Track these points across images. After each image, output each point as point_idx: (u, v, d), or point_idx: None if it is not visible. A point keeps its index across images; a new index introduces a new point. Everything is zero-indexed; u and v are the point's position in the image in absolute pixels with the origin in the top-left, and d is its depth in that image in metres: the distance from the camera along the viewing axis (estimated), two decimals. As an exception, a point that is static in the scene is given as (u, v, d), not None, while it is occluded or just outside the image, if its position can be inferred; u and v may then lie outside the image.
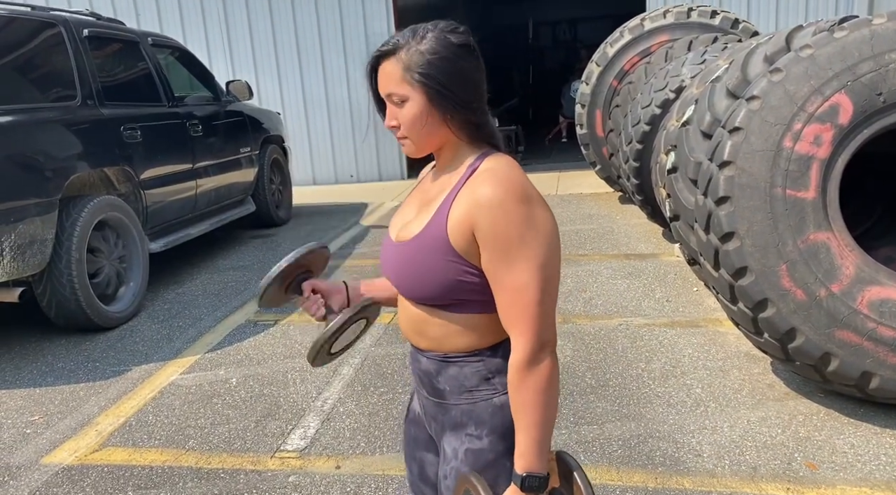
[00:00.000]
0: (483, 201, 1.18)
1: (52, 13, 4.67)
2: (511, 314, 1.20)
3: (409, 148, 1.30)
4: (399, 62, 1.22)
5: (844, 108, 2.73)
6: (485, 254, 1.20)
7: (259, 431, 3.07)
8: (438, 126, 1.25)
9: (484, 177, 1.21)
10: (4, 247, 3.76)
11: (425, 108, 1.23)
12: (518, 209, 1.17)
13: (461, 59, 1.23)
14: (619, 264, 5.22)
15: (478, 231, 1.19)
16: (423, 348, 1.35)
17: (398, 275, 1.31)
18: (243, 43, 9.91)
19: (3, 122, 3.89)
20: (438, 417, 1.37)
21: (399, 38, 1.23)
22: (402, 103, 1.24)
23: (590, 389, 3.25)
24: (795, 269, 2.71)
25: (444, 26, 1.25)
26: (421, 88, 1.21)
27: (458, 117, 1.24)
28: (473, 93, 1.25)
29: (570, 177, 9.28)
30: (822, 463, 2.57)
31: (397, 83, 1.23)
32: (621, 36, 6.83)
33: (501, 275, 1.19)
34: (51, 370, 3.88)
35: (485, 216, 1.17)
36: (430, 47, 1.21)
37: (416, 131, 1.25)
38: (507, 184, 1.19)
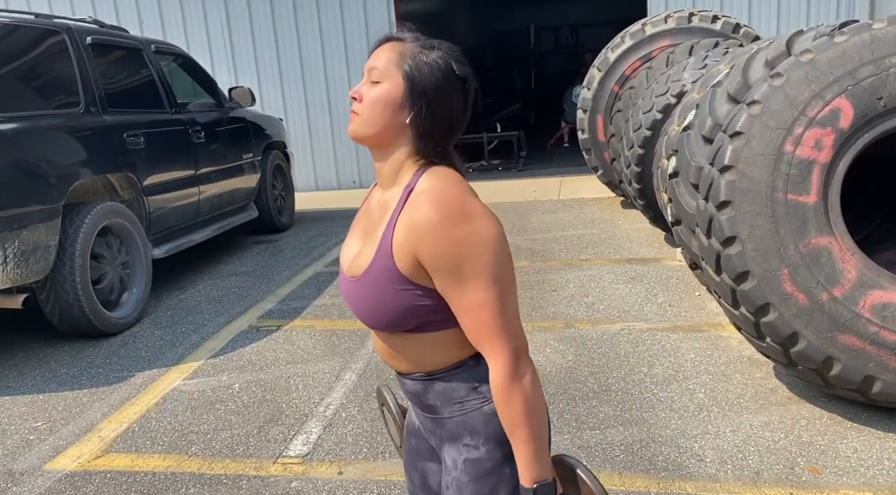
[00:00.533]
0: (421, 227, 1.16)
1: (55, 21, 4.69)
2: (477, 333, 1.19)
3: (355, 125, 1.26)
4: (402, 49, 1.23)
5: (845, 113, 2.74)
6: (435, 279, 1.19)
7: (262, 437, 3.07)
8: (397, 123, 1.23)
9: (420, 200, 1.18)
10: (8, 254, 3.78)
11: (398, 97, 1.21)
12: (457, 229, 1.15)
13: (452, 86, 1.23)
14: (621, 269, 5.22)
15: (421, 258, 1.17)
16: (405, 372, 1.35)
17: (358, 310, 1.30)
18: (246, 49, 9.95)
19: (6, 129, 3.91)
20: (436, 431, 1.37)
21: (413, 35, 1.25)
22: (377, 82, 1.23)
23: (592, 394, 3.25)
24: (797, 273, 2.71)
25: (453, 50, 1.25)
26: (405, 80, 1.21)
27: (420, 126, 1.22)
28: (447, 117, 1.24)
29: (572, 181, 9.29)
30: (826, 467, 2.57)
31: (386, 63, 1.23)
32: (622, 41, 6.84)
33: (457, 298, 1.18)
34: (54, 376, 3.89)
35: (425, 242, 1.16)
36: (433, 59, 1.22)
37: (373, 112, 1.23)
38: (442, 204, 1.16)
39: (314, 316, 4.62)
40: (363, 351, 3.94)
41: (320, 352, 3.98)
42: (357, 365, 3.76)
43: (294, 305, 4.86)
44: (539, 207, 7.83)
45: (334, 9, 9.73)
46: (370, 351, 3.93)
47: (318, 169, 10.21)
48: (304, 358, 3.92)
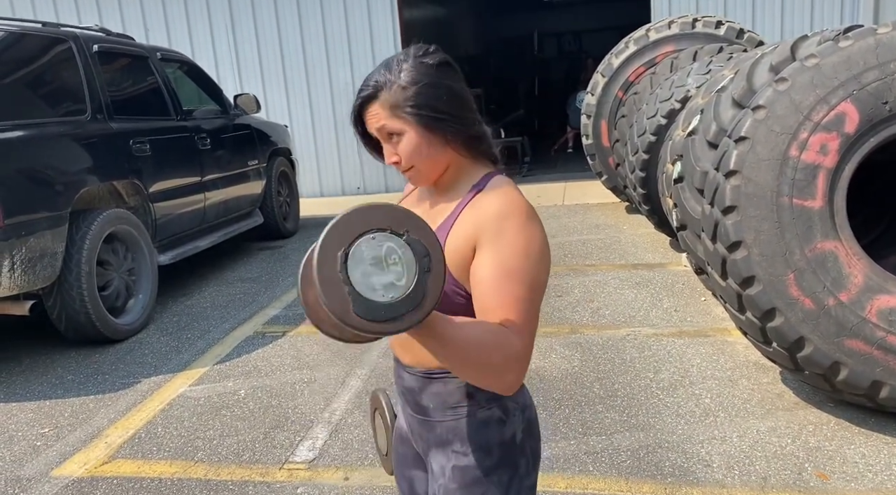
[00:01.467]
0: (492, 212, 1.18)
1: (62, 29, 4.73)
2: (504, 320, 1.14)
3: (416, 178, 1.28)
4: (385, 103, 1.22)
5: (850, 117, 2.74)
6: (483, 257, 1.17)
7: (267, 443, 3.07)
8: (441, 150, 1.25)
9: (492, 195, 1.22)
10: (15, 261, 3.80)
11: (423, 136, 1.22)
12: (525, 224, 1.18)
13: (444, 78, 1.23)
14: (627, 274, 5.22)
15: (481, 241, 1.17)
16: (407, 363, 1.36)
17: None
18: (251, 57, 10.00)
19: (14, 136, 3.94)
20: (424, 434, 1.37)
21: (377, 79, 1.23)
22: (398, 138, 1.23)
23: (598, 399, 3.25)
24: (803, 278, 2.70)
25: (415, 52, 1.24)
26: (414, 120, 1.21)
27: (459, 136, 1.24)
28: (466, 107, 1.25)
29: (576, 187, 9.29)
30: (833, 473, 2.55)
31: (387, 120, 1.22)
32: (626, 47, 6.85)
33: (497, 283, 1.15)
34: (61, 382, 3.90)
35: (492, 225, 1.18)
36: (410, 78, 1.21)
37: (419, 160, 1.25)
38: (515, 201, 1.20)
39: (319, 322, 4.62)
40: (368, 357, 3.94)
41: (326, 358, 3.98)
42: (362, 370, 3.76)
43: (299, 311, 4.86)
44: (543, 213, 7.83)
45: (339, 16, 9.76)
46: (375, 357, 3.93)
47: (323, 175, 10.23)
48: (309, 364, 3.92)
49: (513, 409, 1.31)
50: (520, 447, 1.32)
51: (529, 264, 1.17)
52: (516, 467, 1.31)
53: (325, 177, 10.25)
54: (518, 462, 1.31)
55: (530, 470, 1.34)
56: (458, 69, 1.27)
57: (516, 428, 1.31)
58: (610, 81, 6.89)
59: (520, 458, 1.31)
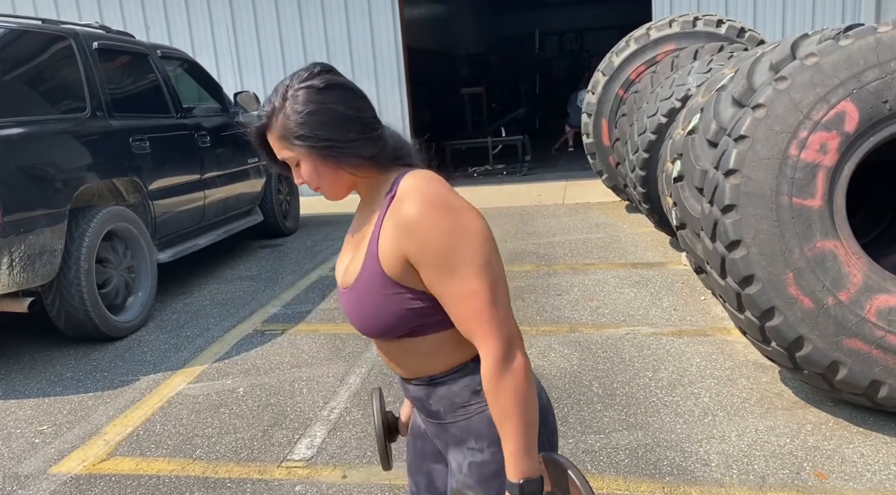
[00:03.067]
0: (405, 223, 1.18)
1: (62, 26, 4.72)
2: (468, 323, 1.19)
3: (326, 195, 1.32)
4: (276, 132, 1.24)
5: (850, 116, 2.73)
6: (423, 273, 1.19)
7: (266, 440, 3.07)
8: (336, 172, 1.26)
9: (402, 200, 1.21)
10: (14, 258, 3.79)
11: (316, 163, 1.24)
12: (441, 220, 1.17)
13: (329, 103, 1.22)
14: (626, 273, 5.21)
15: (409, 254, 1.19)
16: (408, 377, 1.36)
17: (354, 319, 1.31)
18: (251, 54, 9.99)
19: (13, 133, 3.93)
20: (440, 436, 1.38)
21: (267, 107, 1.25)
22: (297, 165, 1.27)
23: (597, 398, 3.24)
24: (802, 277, 2.70)
25: (301, 75, 1.24)
26: (304, 150, 1.23)
27: (350, 159, 1.24)
28: (354, 129, 1.23)
29: (576, 186, 9.29)
30: (832, 472, 2.55)
31: (283, 151, 1.25)
32: (627, 45, 6.85)
33: (447, 289, 1.18)
34: (59, 379, 3.90)
35: (411, 238, 1.17)
36: (295, 107, 1.21)
37: (320, 183, 1.27)
38: (424, 199, 1.19)
39: (319, 320, 4.62)
40: (367, 354, 3.94)
41: (325, 356, 3.98)
42: (361, 368, 3.76)
43: (299, 309, 4.86)
44: (543, 211, 7.83)
45: (339, 13, 9.76)
46: (374, 354, 3.93)
47: (323, 173, 10.23)
48: (308, 361, 3.92)
49: None
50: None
51: (465, 256, 1.17)
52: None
53: (325, 176, 10.24)
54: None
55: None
56: (349, 88, 1.25)
57: None
58: (611, 80, 6.88)
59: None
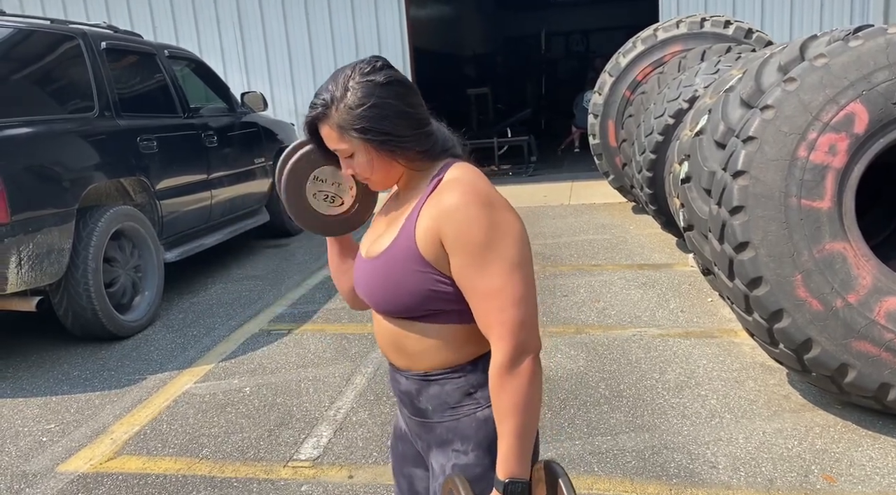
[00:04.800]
0: (448, 209, 1.19)
1: (70, 26, 4.74)
2: (488, 319, 1.20)
3: (374, 186, 1.35)
4: (333, 123, 1.24)
5: (860, 117, 2.72)
6: (454, 261, 1.20)
7: (272, 440, 3.07)
8: (390, 164, 1.28)
9: (447, 186, 1.23)
10: (22, 257, 3.81)
11: (372, 155, 1.26)
12: (482, 213, 1.19)
13: (389, 99, 1.23)
14: (633, 274, 5.20)
15: (445, 239, 1.20)
16: (402, 367, 1.36)
17: (371, 291, 1.31)
18: (258, 54, 10.01)
19: (22, 133, 3.95)
20: (423, 436, 1.37)
21: (325, 96, 1.24)
22: (350, 157, 1.27)
23: (603, 400, 3.24)
24: (811, 279, 2.69)
25: (362, 68, 1.24)
26: (361, 142, 1.24)
27: (405, 153, 1.26)
28: (412, 125, 1.25)
29: (582, 187, 9.27)
30: (840, 475, 2.54)
31: (338, 141, 1.26)
32: (634, 46, 6.83)
33: (474, 281, 1.19)
34: (67, 378, 3.91)
35: (450, 223, 1.19)
36: (355, 99, 1.21)
37: (371, 174, 1.29)
38: (469, 190, 1.21)
39: (325, 319, 4.63)
40: (373, 354, 3.94)
41: (331, 356, 3.98)
42: (367, 369, 3.76)
43: (305, 309, 4.86)
44: (549, 212, 7.82)
45: (346, 14, 9.77)
46: (380, 355, 3.93)
47: (329, 173, 10.24)
48: (314, 361, 3.93)
49: None
50: None
51: (498, 252, 1.18)
52: None
53: (331, 176, 10.25)
54: None
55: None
56: (407, 84, 1.27)
57: None
58: (617, 81, 6.87)
59: None
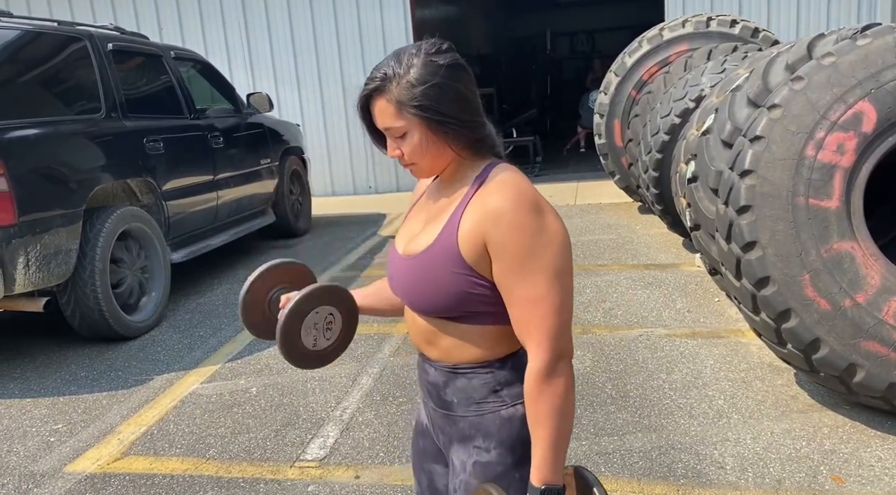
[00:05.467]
0: (494, 212, 1.17)
1: (77, 28, 4.75)
2: (527, 326, 1.19)
3: (418, 173, 1.30)
4: (391, 97, 1.21)
5: (868, 116, 2.70)
6: (497, 265, 1.19)
7: (279, 440, 3.08)
8: (442, 149, 1.25)
9: (494, 188, 1.20)
10: (30, 258, 3.82)
11: (426, 136, 1.23)
12: (530, 219, 1.17)
13: (452, 81, 1.21)
14: (639, 274, 5.19)
15: (490, 242, 1.18)
16: (432, 358, 1.35)
17: (408, 289, 1.30)
18: (264, 55, 10.02)
19: (29, 134, 3.97)
20: (446, 429, 1.36)
21: (386, 71, 1.22)
22: (402, 136, 1.24)
23: (610, 400, 3.23)
24: (819, 279, 2.67)
25: (428, 48, 1.23)
26: (418, 120, 1.21)
27: (460, 138, 1.24)
28: (470, 110, 1.24)
29: (588, 187, 9.26)
30: (849, 476, 2.53)
31: (393, 118, 1.22)
32: (640, 46, 6.81)
33: (516, 287, 1.18)
34: (74, 379, 3.93)
35: (497, 227, 1.17)
36: (418, 76, 1.19)
37: (421, 158, 1.26)
38: (517, 195, 1.18)
39: (331, 320, 4.62)
40: (380, 355, 3.94)
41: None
42: (373, 369, 3.76)
43: (311, 310, 4.86)
44: (555, 212, 7.80)
45: (351, 15, 9.78)
46: (386, 355, 3.93)
47: (335, 174, 10.25)
48: (320, 362, 3.92)
49: None
50: None
51: (542, 260, 1.17)
52: None
53: (336, 176, 10.27)
54: None
55: None
56: (468, 70, 1.26)
57: None
58: (623, 80, 6.85)
59: None
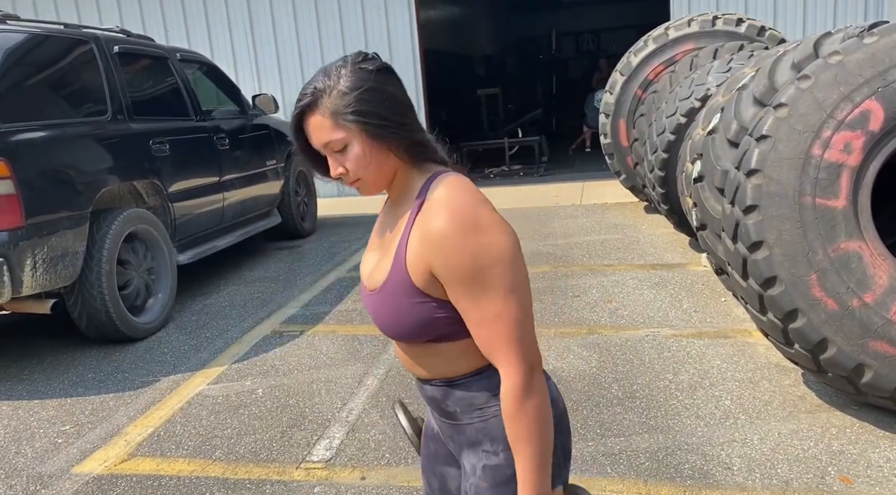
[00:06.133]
0: (433, 239, 1.16)
1: (83, 31, 4.77)
2: (490, 346, 1.18)
3: (364, 188, 1.27)
4: (325, 110, 1.19)
5: (875, 115, 2.69)
6: (448, 290, 1.18)
7: (285, 442, 3.08)
8: (385, 157, 1.23)
9: (432, 211, 1.18)
10: (37, 260, 3.84)
11: (367, 145, 1.20)
12: (470, 240, 1.14)
13: (385, 85, 1.21)
14: (645, 274, 5.17)
15: (435, 269, 1.17)
16: (425, 378, 1.35)
17: (379, 321, 1.30)
18: (269, 57, 10.05)
19: (36, 137, 3.98)
20: (455, 437, 1.37)
21: (316, 85, 1.20)
22: (343, 149, 1.22)
23: (616, 401, 3.22)
24: (826, 279, 2.66)
25: (354, 58, 1.22)
26: (358, 127, 1.19)
27: (401, 142, 1.22)
28: (405, 112, 1.23)
29: (594, 186, 9.24)
30: (857, 477, 2.51)
31: (331, 131, 1.20)
32: (645, 45, 6.80)
33: (471, 310, 1.17)
34: (81, 380, 3.94)
35: (438, 255, 1.15)
36: (350, 84, 1.18)
37: (365, 170, 1.23)
38: (454, 216, 1.15)
39: (336, 321, 4.63)
40: (385, 356, 3.94)
41: (343, 357, 3.98)
42: (379, 370, 3.76)
43: (317, 310, 4.87)
44: (561, 212, 7.80)
45: (356, 17, 9.79)
46: (392, 356, 3.93)
47: (341, 175, 10.26)
48: (326, 363, 3.93)
49: None
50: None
51: (492, 278, 1.15)
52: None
53: (342, 177, 10.27)
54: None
55: (561, 467, 1.33)
56: (397, 75, 1.26)
57: None
58: (629, 80, 6.84)
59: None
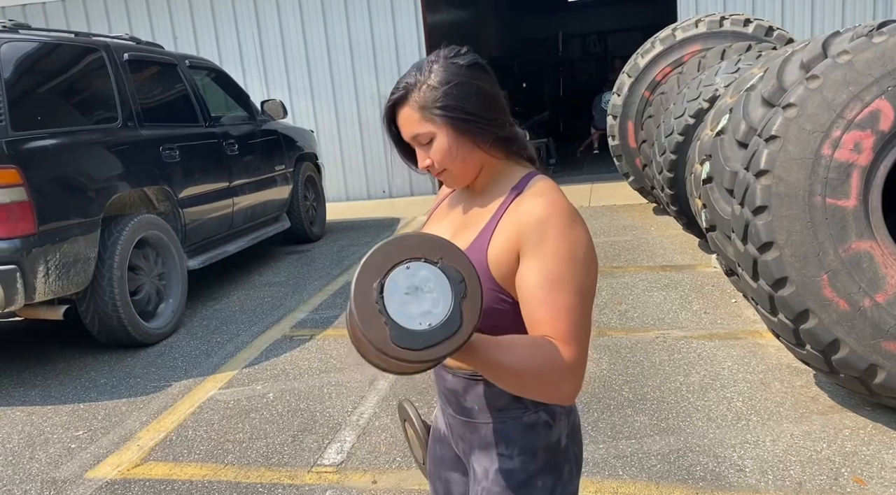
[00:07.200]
0: (533, 219, 1.16)
1: (94, 39, 4.81)
2: (554, 331, 1.13)
3: (450, 180, 1.29)
4: (415, 104, 1.22)
5: (885, 114, 2.68)
6: (526, 265, 1.16)
7: (296, 446, 3.09)
8: (471, 151, 1.24)
9: (533, 198, 1.20)
10: (49, 266, 3.87)
11: (453, 138, 1.22)
12: (570, 231, 1.16)
13: (475, 79, 1.22)
14: (655, 276, 5.16)
15: (525, 246, 1.16)
16: (450, 366, 1.33)
17: None
18: (277, 63, 10.10)
19: (48, 144, 4.02)
20: (466, 436, 1.35)
21: (408, 80, 1.23)
22: (429, 142, 1.24)
23: (627, 403, 3.21)
24: (837, 279, 2.65)
25: (446, 53, 1.24)
26: (444, 121, 1.21)
27: (489, 137, 1.24)
28: (496, 108, 1.24)
29: (602, 188, 9.22)
30: (871, 478, 2.50)
31: (418, 124, 1.22)
32: (653, 46, 6.79)
33: (544, 294, 1.14)
34: (94, 385, 3.97)
35: (534, 233, 1.16)
36: (440, 78, 1.20)
37: (451, 163, 1.25)
38: (555, 205, 1.18)
39: (346, 325, 4.64)
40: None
41: (353, 361, 3.99)
42: (389, 374, 3.76)
43: (326, 315, 4.89)
44: (570, 215, 7.77)
45: (363, 22, 9.82)
46: (402, 360, 3.93)
47: (349, 179, 10.29)
48: (336, 367, 3.94)
49: (559, 413, 1.30)
50: (564, 451, 1.30)
51: (575, 270, 1.15)
52: (560, 472, 1.29)
53: (350, 182, 10.31)
54: (562, 467, 1.30)
55: (573, 475, 1.32)
56: (489, 70, 1.26)
57: (561, 433, 1.30)
58: (636, 81, 6.83)
59: (564, 463, 1.30)
